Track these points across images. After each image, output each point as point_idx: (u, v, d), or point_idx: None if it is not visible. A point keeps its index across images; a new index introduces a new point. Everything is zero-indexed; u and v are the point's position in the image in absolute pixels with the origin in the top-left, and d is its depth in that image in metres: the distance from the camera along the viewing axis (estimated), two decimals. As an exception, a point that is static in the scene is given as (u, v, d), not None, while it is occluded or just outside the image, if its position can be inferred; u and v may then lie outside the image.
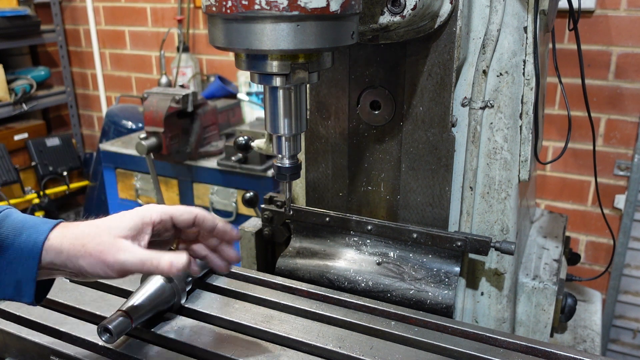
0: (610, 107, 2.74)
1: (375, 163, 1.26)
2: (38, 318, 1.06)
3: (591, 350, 1.49)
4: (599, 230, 2.96)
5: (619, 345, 3.08)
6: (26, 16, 3.85)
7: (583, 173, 2.91)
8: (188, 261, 0.88)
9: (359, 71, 1.21)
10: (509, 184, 1.22)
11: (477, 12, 1.15)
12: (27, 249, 0.83)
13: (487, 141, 1.21)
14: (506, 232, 1.25)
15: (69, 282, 1.21)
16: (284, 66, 0.86)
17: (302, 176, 1.34)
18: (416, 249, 1.25)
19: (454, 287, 1.19)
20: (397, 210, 1.28)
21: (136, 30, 4.08)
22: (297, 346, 0.99)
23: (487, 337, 1.00)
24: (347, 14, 0.83)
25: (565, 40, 2.72)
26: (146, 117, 2.80)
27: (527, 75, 1.18)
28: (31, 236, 0.84)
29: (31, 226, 0.85)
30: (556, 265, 1.41)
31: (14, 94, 3.79)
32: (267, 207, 1.44)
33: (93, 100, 4.55)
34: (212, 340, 0.98)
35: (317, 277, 1.28)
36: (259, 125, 3.09)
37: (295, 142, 0.99)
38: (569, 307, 1.40)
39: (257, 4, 0.77)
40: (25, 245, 0.83)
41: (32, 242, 0.84)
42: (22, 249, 0.83)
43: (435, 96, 1.16)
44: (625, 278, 2.94)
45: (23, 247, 0.83)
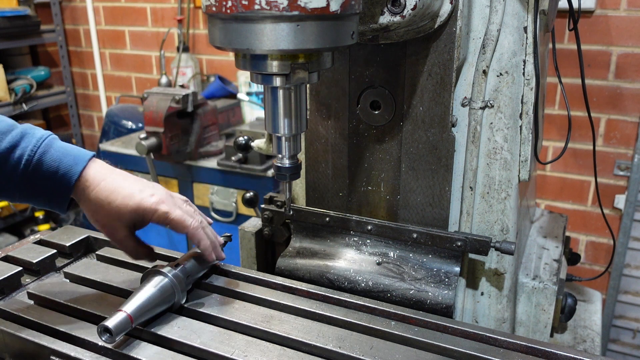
0: (610, 107, 2.74)
1: (375, 163, 1.26)
2: (38, 318, 1.05)
3: (591, 350, 1.49)
4: (599, 230, 2.96)
5: (619, 345, 3.08)
6: (26, 16, 3.85)
7: (583, 173, 2.91)
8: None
9: (359, 71, 1.21)
10: (509, 184, 1.22)
11: (477, 12, 1.15)
12: (63, 182, 1.00)
13: (487, 141, 1.21)
14: (506, 232, 1.25)
15: (69, 282, 1.21)
16: (284, 66, 0.86)
17: (302, 176, 1.34)
18: (416, 249, 1.25)
19: (454, 287, 1.19)
20: (397, 210, 1.28)
21: (136, 30, 4.08)
22: (297, 346, 0.99)
23: (487, 337, 1.00)
24: (347, 14, 0.83)
25: (565, 40, 2.72)
26: (146, 117, 2.80)
27: (527, 75, 1.18)
28: (71, 168, 1.01)
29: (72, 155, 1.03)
30: (556, 265, 1.42)
31: (14, 94, 3.79)
32: (267, 207, 1.44)
33: (93, 100, 4.55)
34: (212, 340, 0.98)
35: (317, 277, 1.28)
36: (259, 125, 3.09)
37: (295, 142, 0.99)
38: (569, 307, 1.40)
39: (257, 4, 0.77)
40: (62, 177, 1.00)
41: (69, 176, 1.00)
42: (60, 179, 1.00)
43: (435, 96, 1.16)
44: (625, 278, 2.95)
45: (61, 177, 1.00)
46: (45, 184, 1.00)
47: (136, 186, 1.03)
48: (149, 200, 1.01)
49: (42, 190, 1.01)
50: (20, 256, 1.27)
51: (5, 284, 1.18)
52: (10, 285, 1.20)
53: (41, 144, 0.99)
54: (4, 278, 1.18)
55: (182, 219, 1.02)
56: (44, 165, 0.99)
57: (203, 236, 1.06)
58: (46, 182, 1.00)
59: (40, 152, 0.99)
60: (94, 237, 1.40)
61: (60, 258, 1.33)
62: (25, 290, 1.17)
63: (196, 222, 1.04)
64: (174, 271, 1.05)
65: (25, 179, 0.99)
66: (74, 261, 1.34)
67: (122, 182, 1.03)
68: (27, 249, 1.31)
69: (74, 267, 1.26)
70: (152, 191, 1.03)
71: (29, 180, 0.99)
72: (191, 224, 1.03)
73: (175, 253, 1.31)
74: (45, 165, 0.99)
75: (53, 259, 1.30)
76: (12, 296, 1.18)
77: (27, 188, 1.00)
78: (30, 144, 0.99)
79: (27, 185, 1.00)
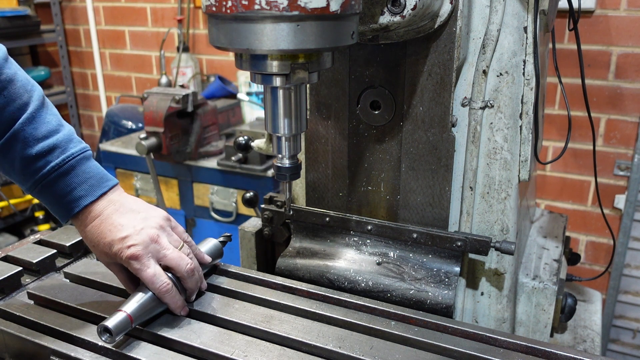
0: (610, 107, 2.74)
1: (375, 163, 1.27)
2: (38, 318, 1.05)
3: (591, 350, 1.49)
4: (599, 230, 2.96)
5: (619, 345, 3.08)
6: (26, 16, 3.85)
7: (583, 173, 2.91)
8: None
9: (359, 71, 1.21)
10: (509, 184, 1.22)
11: (477, 12, 1.15)
12: (67, 207, 1.03)
13: (487, 141, 1.21)
14: (506, 232, 1.25)
15: (69, 282, 1.21)
16: (284, 66, 0.86)
17: (302, 176, 1.34)
18: (416, 249, 1.25)
19: (454, 287, 1.19)
20: (397, 210, 1.28)
21: (136, 30, 4.08)
22: (297, 346, 0.99)
23: (487, 337, 1.00)
24: (347, 14, 0.83)
25: (565, 40, 2.72)
26: (146, 117, 2.80)
27: (527, 75, 1.18)
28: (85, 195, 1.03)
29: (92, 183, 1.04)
30: (556, 265, 1.42)
31: (14, 94, 3.78)
32: (267, 207, 1.44)
33: (93, 100, 4.55)
34: (212, 340, 0.98)
35: (317, 277, 1.28)
36: (259, 125, 3.09)
37: (295, 142, 0.99)
38: (569, 307, 1.40)
39: (257, 4, 0.77)
40: (68, 203, 1.02)
41: (72, 206, 1.02)
42: (65, 204, 1.03)
43: (435, 96, 1.16)
44: (625, 278, 2.95)
45: (66, 203, 1.02)
46: (52, 200, 1.03)
47: (124, 231, 1.01)
48: (124, 253, 1.00)
49: (47, 202, 1.05)
50: (20, 256, 1.27)
51: (5, 284, 1.18)
52: (10, 285, 1.20)
53: (66, 164, 1.01)
54: (4, 278, 1.18)
55: (151, 281, 1.01)
56: (57, 185, 1.01)
57: (170, 300, 1.03)
58: (52, 199, 1.03)
59: (60, 172, 1.01)
60: (94, 237, 1.40)
61: (60, 258, 1.33)
62: (25, 290, 1.17)
63: (165, 286, 1.02)
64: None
65: (39, 186, 1.02)
66: (74, 261, 1.34)
67: (118, 220, 1.02)
68: (27, 249, 1.31)
69: (74, 267, 1.26)
70: (136, 240, 1.00)
71: (40, 190, 1.02)
72: (159, 288, 1.01)
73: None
74: (58, 186, 1.01)
75: (53, 259, 1.30)
76: (12, 296, 1.18)
77: (36, 192, 1.04)
78: (58, 159, 1.01)
79: (37, 191, 1.03)
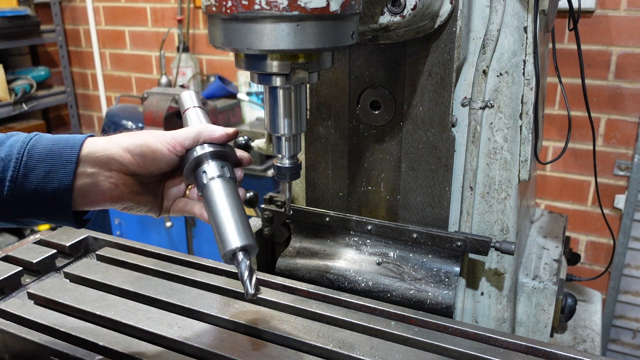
0: (610, 107, 2.74)
1: (375, 163, 1.26)
2: (38, 318, 1.06)
3: (591, 350, 1.49)
4: (599, 230, 2.96)
5: (619, 345, 3.08)
6: (26, 16, 3.85)
7: (583, 173, 2.91)
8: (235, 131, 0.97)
9: (359, 71, 1.21)
10: (509, 184, 1.22)
11: (477, 12, 1.15)
12: (65, 151, 0.87)
13: (487, 141, 1.21)
14: (506, 232, 1.25)
15: (69, 282, 1.21)
16: (283, 66, 0.86)
17: (302, 176, 1.34)
18: (416, 249, 1.25)
19: (454, 287, 1.19)
20: (397, 210, 1.28)
21: (136, 30, 4.08)
22: (297, 346, 0.99)
23: (487, 337, 1.00)
24: (347, 14, 0.83)
25: (565, 40, 2.72)
26: (146, 117, 2.80)
27: (527, 75, 1.18)
28: (68, 141, 0.88)
29: (67, 137, 0.90)
30: (556, 265, 1.42)
31: (14, 94, 3.79)
32: (267, 207, 1.44)
33: (93, 100, 4.55)
34: (212, 340, 0.98)
35: (317, 277, 1.28)
36: (259, 125, 3.09)
37: (295, 142, 0.99)
38: (569, 307, 1.40)
39: (257, 4, 0.77)
40: (63, 150, 0.87)
41: (70, 146, 0.87)
42: (59, 155, 0.87)
43: (435, 96, 1.16)
44: (625, 278, 2.95)
45: (61, 152, 0.87)
46: (41, 208, 0.88)
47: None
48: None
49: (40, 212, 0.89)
50: (20, 256, 1.27)
51: (5, 284, 1.19)
52: (10, 285, 1.20)
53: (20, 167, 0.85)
54: (4, 278, 1.18)
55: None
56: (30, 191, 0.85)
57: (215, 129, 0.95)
58: (39, 206, 0.87)
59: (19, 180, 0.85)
60: (94, 237, 1.40)
61: (60, 258, 1.33)
62: (25, 290, 1.17)
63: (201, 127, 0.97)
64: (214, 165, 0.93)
65: (16, 206, 0.86)
66: (74, 261, 1.34)
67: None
68: (27, 249, 1.31)
69: (74, 267, 1.26)
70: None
71: (21, 209, 0.87)
72: (201, 130, 0.96)
73: (175, 253, 1.31)
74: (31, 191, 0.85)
75: (53, 259, 1.30)
76: (12, 296, 1.18)
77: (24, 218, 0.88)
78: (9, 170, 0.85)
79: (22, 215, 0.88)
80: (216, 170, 0.91)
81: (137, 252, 1.32)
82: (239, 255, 0.85)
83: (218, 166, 0.92)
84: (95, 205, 0.91)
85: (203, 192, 0.91)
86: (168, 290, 1.14)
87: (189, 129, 0.95)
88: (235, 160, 0.97)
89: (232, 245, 0.84)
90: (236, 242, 0.84)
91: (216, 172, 0.91)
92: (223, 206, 0.88)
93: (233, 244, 0.84)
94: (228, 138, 0.95)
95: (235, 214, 0.87)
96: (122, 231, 3.56)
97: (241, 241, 0.85)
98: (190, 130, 0.94)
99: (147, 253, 1.32)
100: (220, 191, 0.89)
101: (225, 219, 0.87)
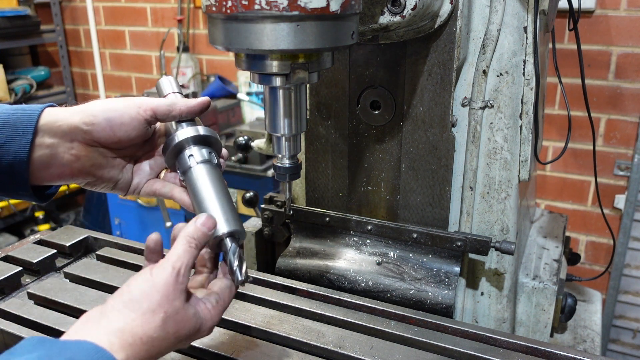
0: (610, 107, 2.74)
1: (375, 163, 1.26)
2: (38, 318, 1.06)
3: (591, 350, 1.49)
4: (599, 230, 2.96)
5: (619, 345, 3.08)
6: (26, 16, 3.85)
7: (583, 173, 2.91)
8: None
9: (359, 71, 1.21)
10: (509, 184, 1.22)
11: (477, 12, 1.15)
12: (22, 121, 0.81)
13: (487, 141, 1.21)
14: (506, 232, 1.25)
15: (69, 282, 1.21)
16: (284, 66, 0.86)
17: (302, 176, 1.34)
18: (416, 249, 1.25)
19: (454, 287, 1.19)
20: (397, 210, 1.28)
21: (136, 30, 4.08)
22: (297, 346, 0.99)
23: (487, 337, 1.00)
24: (347, 14, 0.83)
25: (565, 40, 2.72)
26: (146, 117, 2.79)
27: (527, 75, 1.18)
28: (25, 111, 0.82)
29: (24, 107, 0.83)
30: (556, 265, 1.41)
31: (14, 94, 3.79)
32: (267, 207, 1.44)
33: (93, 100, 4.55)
34: (212, 340, 0.98)
35: (317, 277, 1.28)
36: (259, 125, 3.09)
37: (295, 142, 0.99)
38: (569, 307, 1.40)
39: (257, 4, 0.77)
40: (19, 120, 0.81)
41: (27, 115, 0.81)
42: (15, 125, 0.81)
43: (435, 96, 1.16)
44: (625, 278, 2.95)
45: (17, 123, 0.81)
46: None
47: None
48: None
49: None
50: (20, 256, 1.27)
51: (5, 284, 1.18)
52: (10, 285, 1.20)
53: None
54: (4, 278, 1.18)
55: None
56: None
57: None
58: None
59: None
60: (94, 237, 1.40)
61: (60, 258, 1.33)
62: (25, 290, 1.17)
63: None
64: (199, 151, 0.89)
65: None
66: (74, 261, 1.34)
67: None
68: (27, 249, 1.31)
69: (74, 267, 1.26)
70: None
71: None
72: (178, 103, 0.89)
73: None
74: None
75: (53, 259, 1.30)
76: (12, 296, 1.18)
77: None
78: None
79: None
80: (204, 155, 0.88)
81: (137, 252, 1.32)
82: (227, 241, 0.82)
83: (206, 151, 0.89)
84: (56, 179, 0.86)
85: (186, 176, 0.87)
86: (168, 290, 1.14)
87: (163, 98, 0.91)
88: (219, 150, 0.93)
89: (219, 232, 0.81)
90: (223, 228, 0.81)
91: (204, 157, 0.88)
92: (209, 192, 0.85)
93: (220, 230, 0.81)
94: (202, 106, 0.90)
95: (221, 200, 0.84)
96: (122, 231, 3.56)
97: (228, 227, 0.82)
98: (164, 99, 0.90)
99: (147, 253, 1.32)
100: (206, 176, 0.86)
101: (211, 205, 0.83)
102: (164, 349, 0.72)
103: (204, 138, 0.90)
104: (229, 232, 0.81)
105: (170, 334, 0.71)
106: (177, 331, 0.72)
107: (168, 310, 0.71)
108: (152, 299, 0.70)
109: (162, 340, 0.70)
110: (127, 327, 0.68)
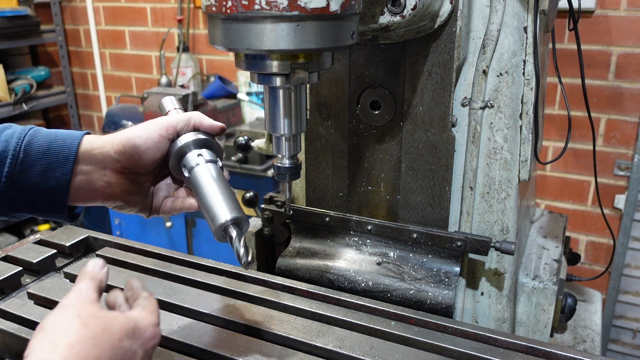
0: (610, 107, 2.74)
1: (375, 163, 1.26)
2: (38, 318, 1.05)
3: (591, 350, 1.49)
4: (599, 230, 2.96)
5: (619, 345, 3.08)
6: (26, 16, 3.85)
7: (583, 173, 2.91)
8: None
9: (359, 71, 1.21)
10: (509, 184, 1.22)
11: (477, 12, 1.15)
12: (64, 149, 0.87)
13: (487, 141, 1.21)
14: (506, 232, 1.25)
15: (69, 282, 1.21)
16: (284, 66, 0.86)
17: (302, 176, 1.34)
18: (416, 249, 1.25)
19: (454, 287, 1.19)
20: (397, 210, 1.28)
21: (136, 30, 4.08)
22: (297, 346, 0.99)
23: (487, 337, 1.00)
24: (347, 14, 0.83)
25: (565, 40, 2.72)
26: (146, 117, 2.80)
27: (527, 75, 1.18)
28: (66, 139, 0.88)
29: (64, 134, 0.89)
30: (556, 265, 1.41)
31: (14, 94, 3.79)
32: (267, 207, 1.44)
33: (93, 100, 4.55)
34: (212, 340, 0.98)
35: (317, 277, 1.28)
36: (259, 125, 3.09)
37: (295, 142, 0.99)
38: (569, 307, 1.40)
39: (257, 4, 0.77)
40: (61, 147, 0.87)
41: (69, 144, 0.87)
42: (57, 152, 0.87)
43: (435, 96, 1.16)
44: (625, 278, 2.95)
45: (58, 150, 0.87)
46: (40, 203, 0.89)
47: None
48: None
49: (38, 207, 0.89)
50: (20, 256, 1.27)
51: (5, 284, 1.18)
52: (10, 285, 1.20)
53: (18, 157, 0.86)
54: (4, 278, 1.18)
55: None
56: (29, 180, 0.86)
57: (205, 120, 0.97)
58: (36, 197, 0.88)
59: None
60: (94, 237, 1.40)
61: (60, 258, 1.33)
62: (25, 290, 1.17)
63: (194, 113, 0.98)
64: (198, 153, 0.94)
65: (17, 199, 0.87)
66: (74, 261, 1.34)
67: None
68: (27, 249, 1.31)
69: (74, 267, 1.26)
70: None
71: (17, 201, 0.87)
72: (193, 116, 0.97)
73: (175, 253, 1.31)
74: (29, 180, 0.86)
75: (53, 259, 1.30)
76: (12, 296, 1.18)
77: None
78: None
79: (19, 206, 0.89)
80: (207, 155, 0.94)
81: (137, 252, 1.32)
82: (231, 228, 0.85)
83: (208, 152, 0.95)
84: (88, 202, 0.92)
85: (191, 176, 0.92)
86: (168, 290, 1.14)
87: (180, 115, 0.97)
88: (220, 153, 0.99)
89: (222, 219, 0.85)
90: (226, 216, 0.85)
91: (207, 157, 0.94)
92: (211, 186, 0.89)
93: (223, 218, 0.85)
94: (214, 129, 0.97)
95: (224, 193, 0.89)
96: (122, 231, 3.56)
97: (232, 214, 0.86)
98: (182, 115, 0.96)
99: (147, 253, 1.32)
100: (209, 173, 0.92)
101: (214, 197, 0.88)
102: (108, 350, 0.68)
103: (207, 142, 0.96)
104: (233, 219, 0.85)
105: (99, 332, 0.68)
106: (105, 329, 0.69)
107: (83, 313, 0.69)
108: (66, 315, 0.69)
109: (94, 339, 0.67)
110: (51, 346, 0.65)
